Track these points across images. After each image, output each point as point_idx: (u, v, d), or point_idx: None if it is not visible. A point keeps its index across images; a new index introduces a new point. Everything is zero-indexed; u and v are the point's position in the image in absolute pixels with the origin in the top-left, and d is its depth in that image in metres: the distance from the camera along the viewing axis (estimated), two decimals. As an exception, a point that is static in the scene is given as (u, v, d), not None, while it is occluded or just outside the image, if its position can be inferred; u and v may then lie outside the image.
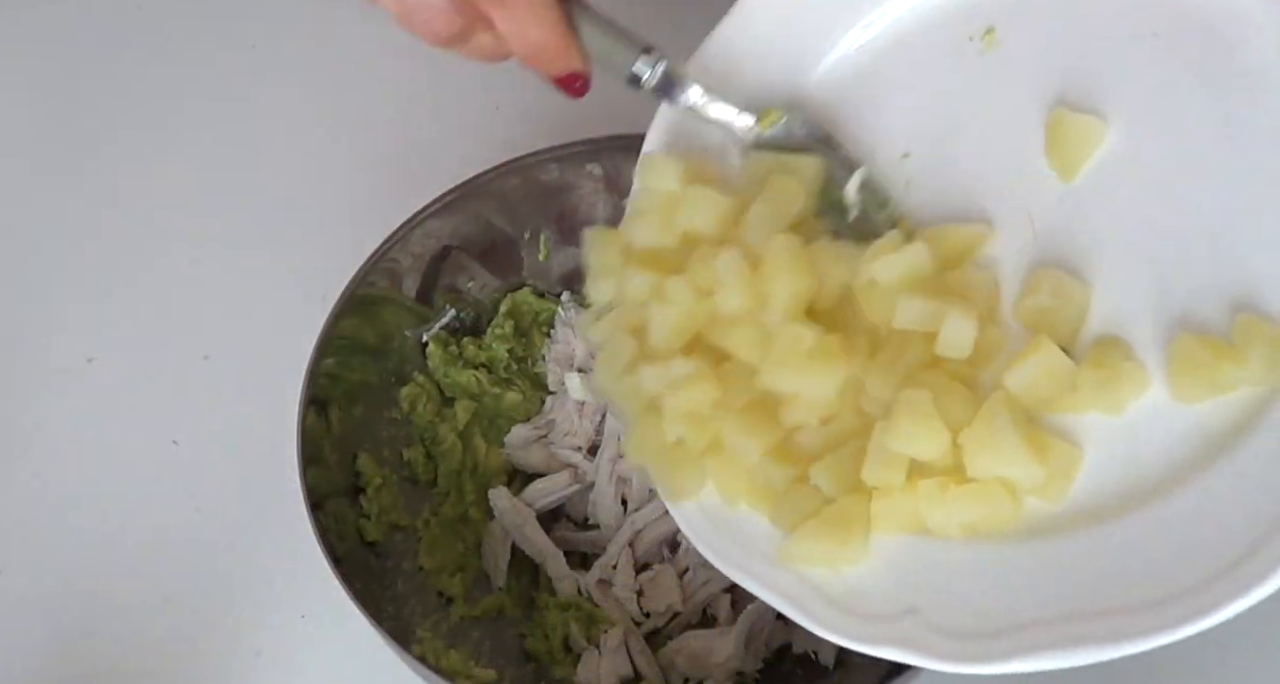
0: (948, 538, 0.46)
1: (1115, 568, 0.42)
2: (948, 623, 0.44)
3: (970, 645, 0.43)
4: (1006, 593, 0.44)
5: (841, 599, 0.47)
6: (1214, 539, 0.40)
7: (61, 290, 0.76)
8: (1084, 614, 0.41)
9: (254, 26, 0.87)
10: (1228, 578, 0.39)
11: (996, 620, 0.43)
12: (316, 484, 0.58)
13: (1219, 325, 0.43)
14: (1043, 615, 0.42)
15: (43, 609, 0.65)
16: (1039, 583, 0.43)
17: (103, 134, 0.83)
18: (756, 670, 0.60)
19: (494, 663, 0.59)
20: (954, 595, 0.45)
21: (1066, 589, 0.42)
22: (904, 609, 0.45)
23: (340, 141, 0.82)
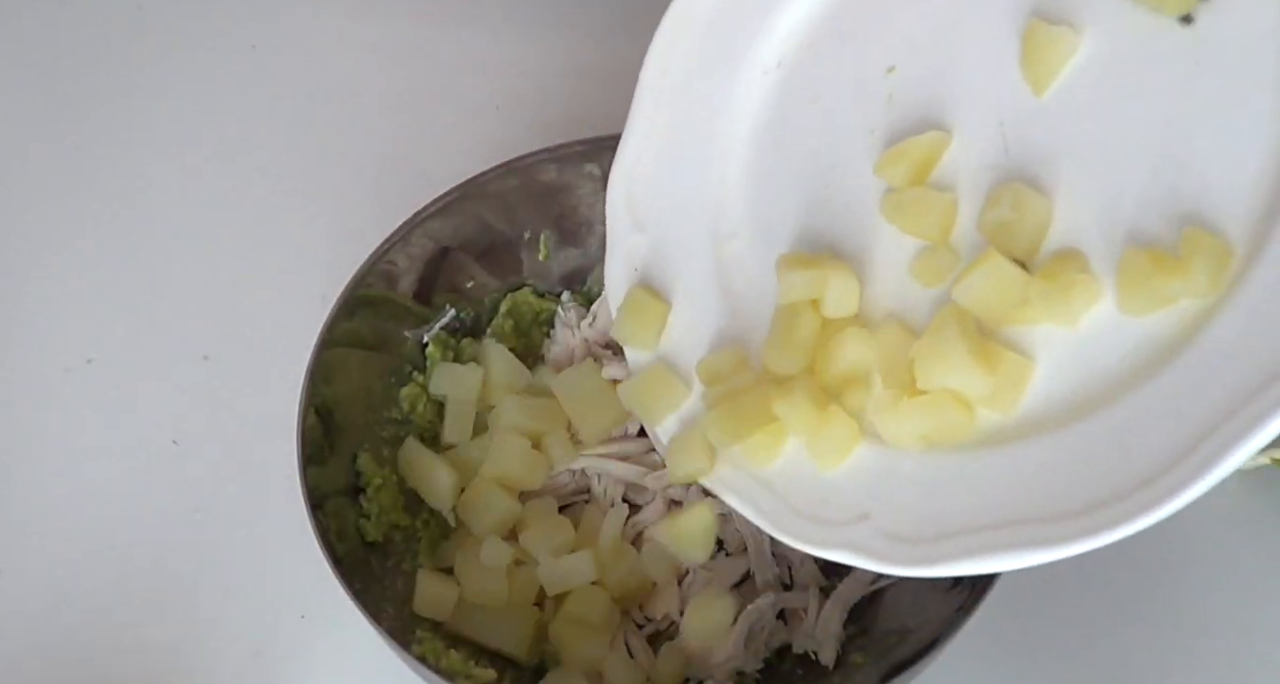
0: (904, 449, 0.47)
1: (1058, 475, 0.43)
2: (896, 528, 0.46)
3: (915, 549, 0.45)
4: (955, 499, 0.45)
5: (800, 505, 0.49)
6: (1150, 446, 0.41)
7: (61, 290, 0.76)
8: (1025, 519, 0.43)
9: (254, 26, 0.87)
10: (1157, 482, 0.40)
11: (942, 525, 0.45)
12: (316, 484, 0.58)
13: (1168, 238, 0.43)
14: (987, 520, 0.44)
15: (43, 609, 0.65)
16: (987, 490, 0.44)
17: (102, 134, 0.83)
18: (757, 670, 0.60)
19: (494, 663, 0.59)
20: (905, 502, 0.46)
21: (1012, 496, 0.44)
22: (858, 515, 0.47)
23: (340, 141, 0.82)
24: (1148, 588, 0.65)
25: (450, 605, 0.59)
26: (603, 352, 0.67)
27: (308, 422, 0.59)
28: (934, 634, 0.55)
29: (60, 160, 0.82)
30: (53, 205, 0.80)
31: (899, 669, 0.55)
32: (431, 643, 0.58)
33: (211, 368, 0.73)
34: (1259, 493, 0.67)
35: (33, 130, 0.83)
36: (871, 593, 0.61)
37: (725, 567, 0.62)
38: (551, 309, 0.69)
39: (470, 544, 0.61)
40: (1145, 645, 0.63)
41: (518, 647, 0.59)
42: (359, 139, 0.82)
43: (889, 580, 0.61)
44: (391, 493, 0.63)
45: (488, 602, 0.59)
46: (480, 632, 0.60)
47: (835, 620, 0.60)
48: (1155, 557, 0.66)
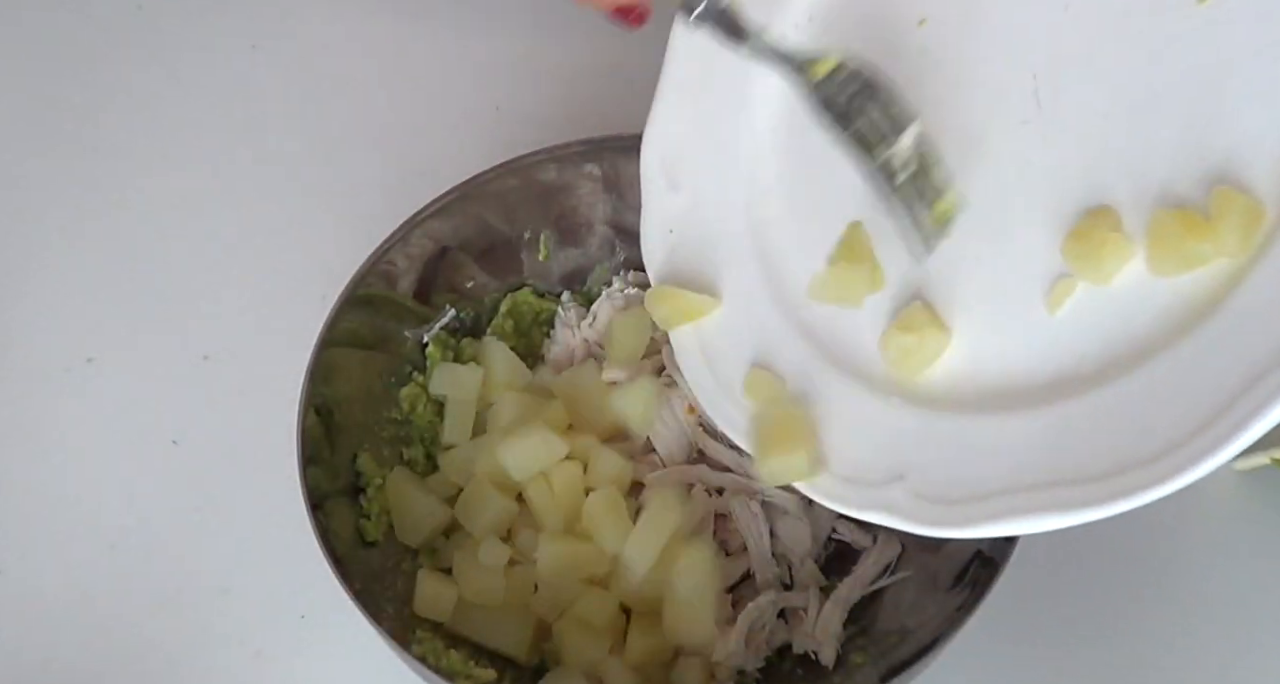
0: (939, 409, 0.48)
1: (1088, 438, 0.43)
2: (929, 490, 0.46)
3: (947, 511, 0.45)
4: (987, 462, 0.45)
5: (836, 467, 0.50)
6: (1179, 409, 0.41)
7: (61, 290, 0.76)
8: (1055, 482, 0.43)
9: (254, 26, 0.87)
10: (1186, 446, 0.40)
11: (974, 487, 0.45)
12: (316, 484, 0.58)
13: (1198, 197, 0.43)
14: (1018, 483, 0.44)
15: (43, 609, 0.65)
16: (1018, 452, 0.45)
17: (102, 134, 0.83)
18: (757, 670, 0.60)
19: (494, 663, 0.59)
20: (939, 464, 0.47)
21: (1042, 458, 0.44)
22: (893, 476, 0.48)
23: (340, 142, 0.82)
24: (1148, 588, 0.65)
25: (450, 605, 0.59)
26: (602, 351, 0.67)
27: (308, 422, 0.59)
28: (934, 634, 0.55)
29: (60, 160, 0.82)
30: (53, 205, 0.80)
31: (899, 669, 0.55)
32: (431, 643, 0.58)
33: (211, 368, 0.73)
34: (1259, 493, 0.67)
35: (33, 130, 0.83)
36: (871, 593, 0.61)
37: (725, 567, 0.62)
38: (551, 309, 0.69)
39: (469, 544, 0.61)
40: (1145, 645, 0.63)
41: (517, 647, 0.59)
42: (359, 139, 0.82)
43: (889, 580, 0.61)
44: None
45: (486, 601, 0.59)
46: (480, 632, 0.60)
47: (835, 620, 0.60)
48: (1155, 556, 0.66)
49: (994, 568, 0.55)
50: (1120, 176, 0.45)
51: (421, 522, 0.62)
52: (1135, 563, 0.65)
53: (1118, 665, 0.63)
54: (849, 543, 0.63)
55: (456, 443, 0.64)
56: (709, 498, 0.63)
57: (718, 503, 0.63)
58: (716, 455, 0.63)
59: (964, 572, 0.58)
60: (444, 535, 0.62)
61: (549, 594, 0.60)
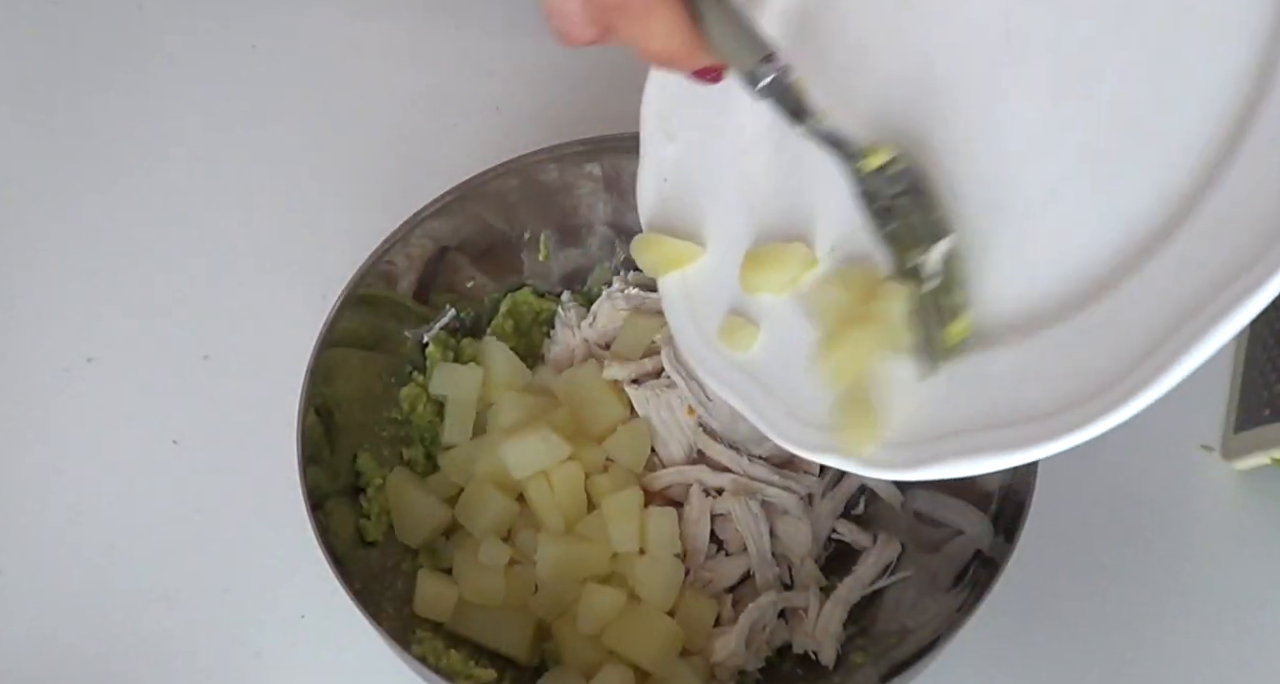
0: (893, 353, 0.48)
1: (1032, 376, 0.44)
2: (883, 433, 0.47)
3: (898, 453, 0.46)
4: (937, 404, 0.46)
5: (797, 408, 0.51)
6: (1116, 347, 0.42)
7: (61, 290, 0.76)
8: (1003, 422, 0.44)
9: (254, 26, 0.87)
10: (1120, 384, 0.41)
11: (924, 429, 0.46)
12: (316, 484, 0.58)
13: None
14: (967, 424, 0.45)
15: (43, 609, 0.65)
16: (967, 394, 0.45)
17: (102, 134, 0.82)
18: (757, 670, 0.60)
19: (494, 663, 0.59)
20: (892, 407, 0.47)
21: (990, 398, 0.45)
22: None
23: (340, 141, 0.82)
24: (1147, 588, 0.65)
25: (450, 605, 0.59)
26: (602, 352, 0.67)
27: (308, 422, 0.59)
28: (934, 634, 0.55)
29: (60, 160, 0.82)
30: (52, 205, 0.80)
31: (899, 669, 0.55)
32: (431, 643, 0.58)
33: (211, 368, 0.73)
34: (1259, 493, 0.67)
35: (32, 130, 0.83)
36: (871, 593, 0.61)
37: (725, 567, 0.62)
38: (551, 309, 0.69)
39: (469, 544, 0.61)
40: (1145, 645, 0.63)
41: (517, 647, 0.59)
42: (359, 139, 0.82)
43: (889, 580, 0.61)
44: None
45: (486, 601, 0.59)
46: (480, 632, 0.60)
47: (835, 620, 0.60)
48: (1155, 556, 0.66)
49: (994, 568, 0.55)
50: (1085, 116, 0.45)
51: (421, 522, 0.62)
52: (1135, 563, 0.65)
53: (1118, 665, 0.63)
54: (849, 543, 0.63)
55: (456, 443, 0.64)
56: (709, 498, 0.63)
57: (717, 503, 0.63)
58: (716, 456, 0.63)
59: (964, 572, 0.58)
60: (444, 535, 0.63)
61: (549, 594, 0.60)
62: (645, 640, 0.58)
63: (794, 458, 0.64)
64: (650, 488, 0.63)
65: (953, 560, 0.59)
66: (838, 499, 0.64)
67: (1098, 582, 0.65)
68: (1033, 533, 0.55)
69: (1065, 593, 0.64)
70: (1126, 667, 0.63)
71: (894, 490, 0.64)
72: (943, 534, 0.61)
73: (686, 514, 0.62)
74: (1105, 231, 0.44)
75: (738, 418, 0.63)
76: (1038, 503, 0.56)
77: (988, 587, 0.54)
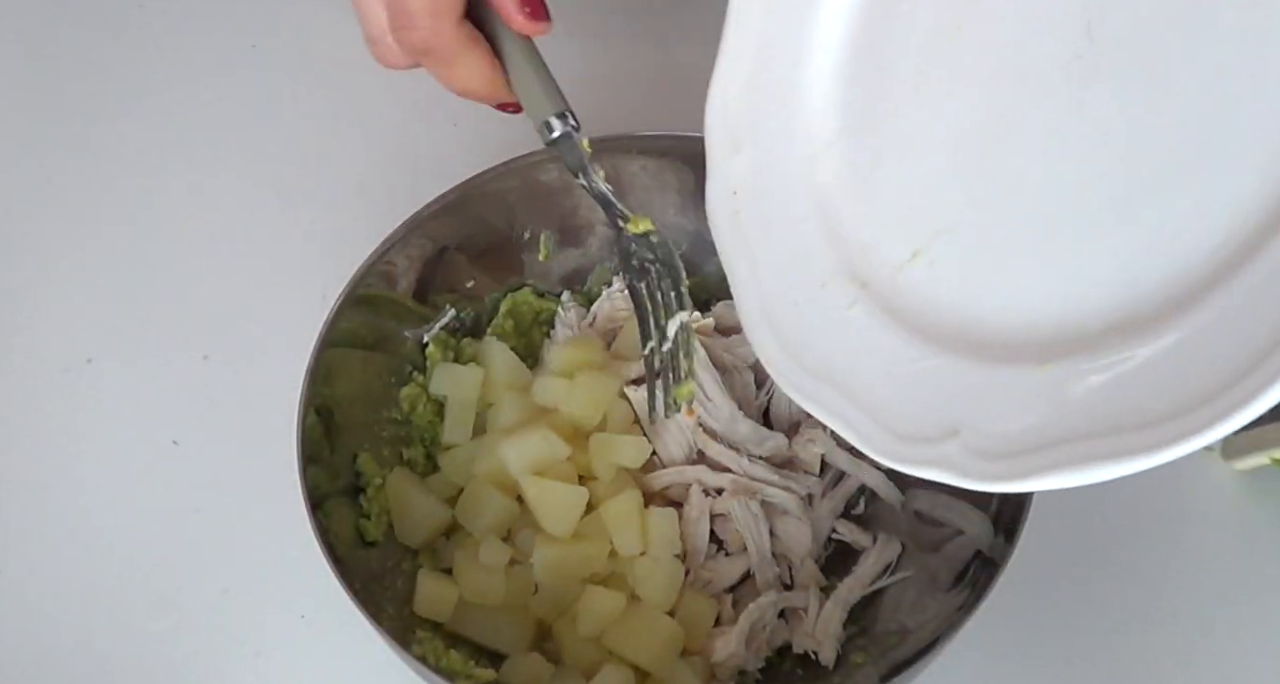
0: (992, 361, 0.47)
1: (1144, 382, 0.43)
2: (982, 444, 0.46)
3: (1006, 465, 0.45)
4: (1042, 411, 0.45)
5: (892, 424, 0.50)
6: (1241, 342, 0.40)
7: (61, 290, 0.76)
8: (1113, 429, 0.43)
9: (254, 26, 0.87)
10: (1235, 388, 0.40)
11: (1030, 439, 0.45)
12: (316, 484, 0.58)
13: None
14: (1074, 432, 0.44)
15: (42, 609, 0.65)
16: (1073, 400, 0.44)
17: (102, 134, 0.82)
18: (757, 670, 0.60)
19: (494, 663, 0.59)
20: (994, 417, 0.46)
21: (1098, 405, 0.44)
22: (948, 432, 0.48)
23: (340, 142, 0.82)
24: (1147, 588, 0.65)
25: (450, 605, 0.59)
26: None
27: (308, 422, 0.59)
28: (934, 634, 0.55)
29: (60, 160, 0.82)
30: (52, 205, 0.80)
31: (899, 669, 0.55)
32: (431, 643, 0.58)
33: (211, 368, 0.73)
34: (1259, 493, 0.67)
35: (32, 130, 0.83)
36: (871, 593, 0.61)
37: (725, 567, 0.62)
38: (551, 309, 0.69)
39: (469, 544, 0.61)
40: (1145, 645, 0.63)
41: (517, 647, 0.59)
42: (359, 139, 0.82)
43: (889, 580, 0.61)
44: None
45: (486, 601, 0.59)
46: (480, 632, 0.60)
47: (835, 620, 0.60)
48: (1155, 556, 0.66)
49: (994, 568, 0.55)
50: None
51: (421, 522, 0.62)
52: (1135, 563, 0.65)
53: (1117, 665, 0.63)
54: (849, 543, 0.63)
55: (457, 443, 0.64)
56: (709, 498, 0.63)
57: (717, 503, 0.63)
58: (716, 456, 0.63)
59: (964, 572, 0.58)
60: (444, 535, 0.63)
61: (549, 594, 0.60)
62: (645, 641, 0.58)
63: (794, 458, 0.65)
64: (650, 488, 0.63)
65: (953, 560, 0.59)
66: (838, 499, 0.64)
67: (1098, 582, 0.65)
68: (1033, 533, 0.55)
69: (1065, 593, 0.64)
70: (1126, 666, 0.63)
71: (894, 490, 0.64)
72: (943, 534, 0.61)
73: (686, 514, 0.62)
74: (1204, 232, 0.42)
75: (738, 418, 0.64)
76: (1038, 503, 0.56)
77: (988, 587, 0.54)
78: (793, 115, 0.56)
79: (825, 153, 0.55)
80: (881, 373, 0.51)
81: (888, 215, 0.53)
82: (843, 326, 0.53)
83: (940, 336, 0.50)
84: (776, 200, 0.57)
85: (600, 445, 0.62)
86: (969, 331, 0.49)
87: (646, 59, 0.82)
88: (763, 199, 0.58)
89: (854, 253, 0.54)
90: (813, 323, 0.54)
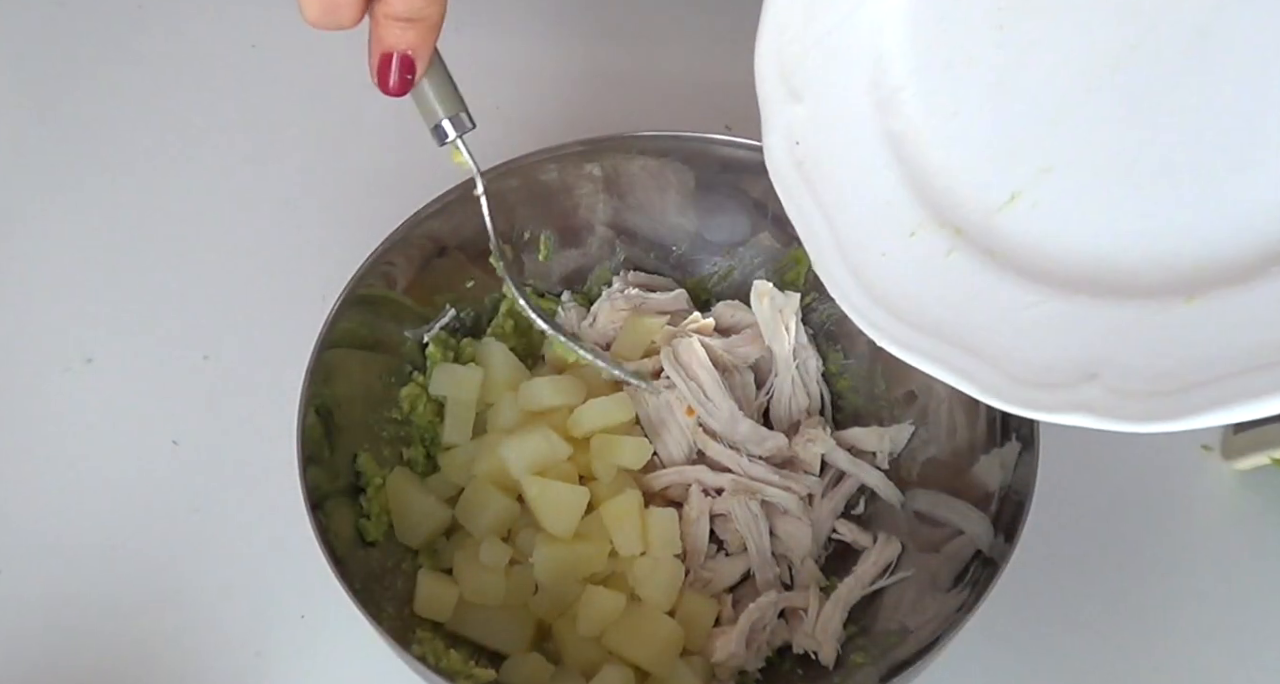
0: (1130, 298, 0.45)
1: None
2: (1128, 384, 0.43)
3: (1152, 403, 0.42)
4: (1185, 350, 0.43)
5: (1020, 374, 0.46)
6: None
7: (61, 290, 0.76)
8: (1265, 365, 0.40)
9: (254, 26, 0.87)
10: None
11: (1178, 378, 0.42)
12: (316, 484, 0.58)
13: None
14: (1228, 369, 0.41)
15: (42, 609, 0.65)
16: (1225, 336, 0.42)
17: (102, 134, 0.83)
18: (757, 670, 0.60)
19: (494, 663, 0.59)
20: (1138, 356, 0.44)
21: (1245, 342, 0.41)
22: (1084, 375, 0.45)
23: (340, 142, 0.82)
24: (1147, 588, 0.65)
25: (450, 605, 0.59)
26: (603, 352, 0.67)
27: (308, 422, 0.59)
28: (934, 634, 0.55)
29: (59, 160, 0.82)
30: (52, 205, 0.80)
31: (899, 669, 0.55)
32: (431, 643, 0.58)
33: (211, 368, 0.73)
34: (1259, 493, 0.67)
35: (32, 130, 0.83)
36: (871, 593, 0.61)
37: (725, 567, 0.62)
38: (552, 309, 0.69)
39: (469, 544, 0.61)
40: (1145, 645, 0.63)
41: (517, 647, 0.59)
42: (359, 139, 0.82)
43: (889, 580, 0.61)
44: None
45: (486, 601, 0.59)
46: (480, 632, 0.60)
47: (835, 620, 0.60)
48: (1155, 556, 0.66)
49: (994, 568, 0.55)
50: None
51: (421, 522, 0.62)
52: (1135, 563, 0.65)
53: (1117, 665, 0.63)
54: (849, 543, 0.63)
55: (456, 443, 0.64)
56: (708, 498, 0.63)
57: (717, 503, 0.63)
58: (716, 456, 0.63)
59: (964, 572, 0.58)
60: (444, 535, 0.63)
61: (549, 594, 0.60)
62: (645, 641, 0.58)
63: (794, 458, 0.65)
64: (650, 488, 0.63)
65: (953, 560, 0.59)
66: (838, 499, 0.64)
67: (1098, 582, 0.65)
68: (1033, 533, 0.55)
69: (1065, 593, 0.64)
70: (1126, 666, 0.63)
71: (894, 490, 0.64)
72: (943, 534, 0.61)
73: (686, 514, 0.62)
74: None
75: (738, 418, 0.64)
76: (1038, 503, 0.56)
77: (988, 587, 0.54)
78: (855, 60, 0.54)
79: (896, 98, 0.53)
80: (997, 319, 0.48)
81: (977, 159, 0.51)
82: (944, 275, 0.50)
83: (1060, 278, 0.47)
84: (847, 149, 0.54)
85: (601, 446, 0.62)
86: (1093, 270, 0.47)
87: (647, 59, 0.82)
88: (831, 148, 0.55)
89: (942, 199, 0.51)
90: (908, 274, 0.51)
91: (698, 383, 0.64)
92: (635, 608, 0.59)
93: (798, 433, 0.65)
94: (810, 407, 0.66)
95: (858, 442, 0.65)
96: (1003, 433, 0.59)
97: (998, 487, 0.58)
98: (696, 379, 0.64)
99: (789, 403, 0.66)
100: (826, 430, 0.64)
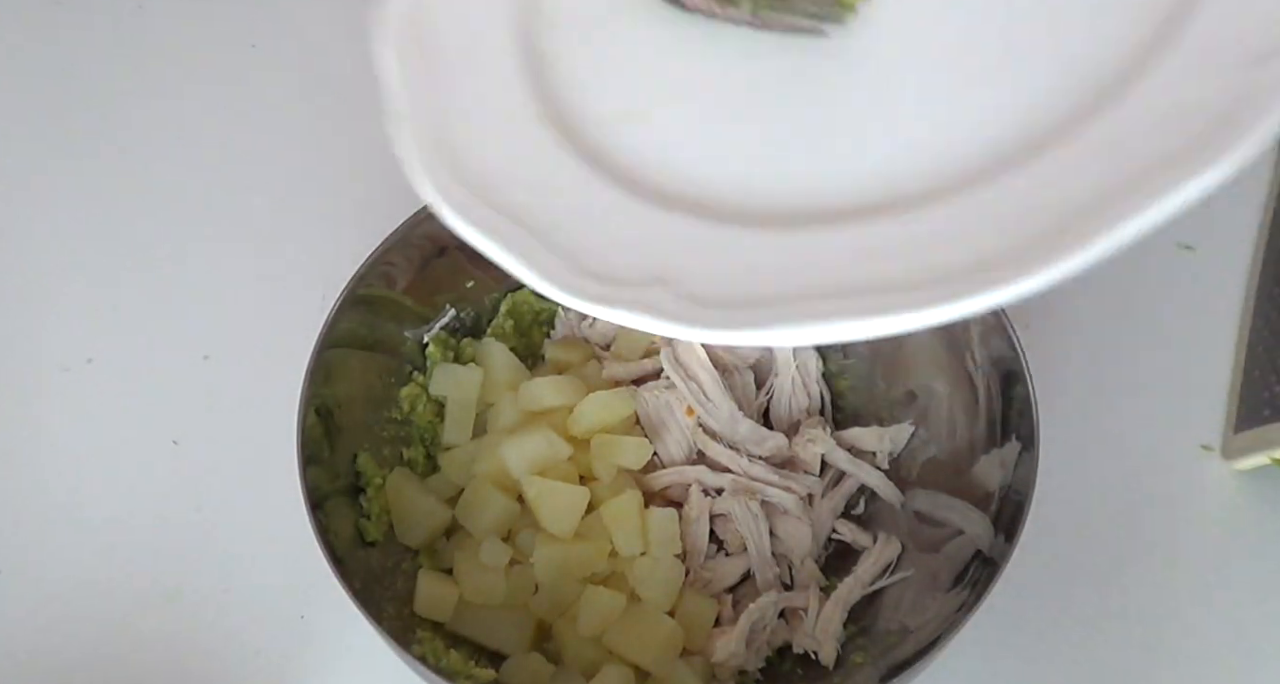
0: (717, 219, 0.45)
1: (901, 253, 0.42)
2: (703, 293, 0.43)
3: (718, 313, 0.42)
4: (759, 272, 0.43)
5: (587, 263, 0.46)
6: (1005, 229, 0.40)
7: (61, 290, 0.76)
8: (849, 291, 0.41)
9: (254, 26, 0.87)
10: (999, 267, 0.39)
11: (751, 293, 0.42)
12: (316, 484, 0.58)
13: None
14: (813, 291, 0.42)
15: (43, 609, 0.65)
16: (821, 261, 0.43)
17: (102, 134, 0.82)
18: (757, 670, 0.60)
19: (494, 663, 0.59)
20: (713, 271, 0.44)
21: (842, 269, 0.42)
22: (653, 279, 0.44)
23: (340, 141, 0.82)
24: (1147, 588, 0.65)
25: (450, 605, 0.59)
26: (603, 352, 0.67)
27: (308, 422, 0.59)
28: (934, 634, 0.55)
29: (59, 160, 0.82)
30: (52, 205, 0.80)
31: (899, 669, 0.55)
32: (431, 643, 0.58)
33: (211, 368, 0.73)
34: (1259, 493, 0.67)
35: (32, 130, 0.83)
36: (871, 593, 0.61)
37: (725, 567, 0.62)
38: (551, 309, 0.69)
39: (469, 544, 0.61)
40: (1145, 645, 0.63)
41: (517, 647, 0.59)
42: (359, 139, 0.81)
43: (889, 580, 0.61)
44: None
45: (486, 601, 0.59)
46: (480, 632, 0.60)
47: (835, 620, 0.60)
48: (1155, 556, 0.66)
49: (994, 568, 0.55)
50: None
51: (421, 522, 0.62)
52: (1135, 563, 0.65)
53: (1117, 665, 0.63)
54: (849, 543, 0.63)
55: (456, 443, 0.64)
56: (708, 498, 0.63)
57: (717, 503, 0.63)
58: (716, 456, 0.63)
59: (964, 572, 0.58)
60: (444, 535, 0.63)
61: (549, 594, 0.60)
62: (645, 641, 0.58)
63: (794, 458, 0.65)
64: (650, 488, 0.63)
65: (953, 560, 0.59)
66: (838, 499, 0.64)
67: (1098, 582, 0.65)
68: (1033, 533, 0.55)
69: (1065, 593, 0.64)
70: (1126, 666, 0.63)
71: (894, 490, 0.64)
72: (943, 534, 0.61)
73: (686, 514, 0.62)
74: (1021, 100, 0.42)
75: (738, 418, 0.64)
76: (1038, 503, 0.56)
77: (988, 587, 0.54)
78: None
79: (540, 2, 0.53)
80: (582, 216, 0.47)
81: (605, 72, 0.51)
82: (538, 165, 0.49)
83: (652, 190, 0.47)
84: (471, 24, 0.53)
85: (601, 446, 0.62)
86: (686, 190, 0.47)
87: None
88: (456, 19, 0.54)
89: (560, 98, 0.51)
90: (504, 157, 0.50)
91: (697, 383, 0.64)
92: (635, 608, 0.59)
93: (798, 433, 0.65)
94: (810, 407, 0.66)
95: (857, 442, 0.65)
96: (1003, 433, 0.59)
97: (998, 487, 0.59)
98: (696, 379, 0.64)
99: (789, 403, 0.66)
100: (826, 430, 0.65)
